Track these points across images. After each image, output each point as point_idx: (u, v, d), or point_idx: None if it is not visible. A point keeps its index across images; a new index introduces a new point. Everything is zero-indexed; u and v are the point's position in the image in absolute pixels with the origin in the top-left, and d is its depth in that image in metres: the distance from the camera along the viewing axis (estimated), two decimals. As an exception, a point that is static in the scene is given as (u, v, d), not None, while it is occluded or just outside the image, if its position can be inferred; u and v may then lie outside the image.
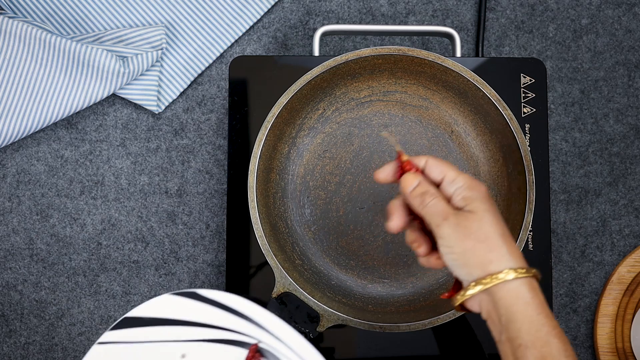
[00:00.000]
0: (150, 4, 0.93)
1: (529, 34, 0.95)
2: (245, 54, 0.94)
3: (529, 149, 0.85)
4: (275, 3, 0.94)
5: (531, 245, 0.85)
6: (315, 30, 0.93)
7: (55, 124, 0.92)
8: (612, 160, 0.93)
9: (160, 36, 0.90)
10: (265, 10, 0.93)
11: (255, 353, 0.69)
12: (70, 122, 0.92)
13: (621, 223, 0.93)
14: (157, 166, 0.92)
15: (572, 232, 0.92)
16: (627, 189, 0.93)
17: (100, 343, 0.71)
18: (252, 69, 0.86)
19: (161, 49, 0.90)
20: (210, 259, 0.91)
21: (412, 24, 0.95)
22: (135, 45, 0.90)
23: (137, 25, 0.92)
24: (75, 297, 0.90)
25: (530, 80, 0.87)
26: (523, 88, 0.87)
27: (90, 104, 0.89)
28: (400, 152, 0.65)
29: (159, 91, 0.92)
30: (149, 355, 0.71)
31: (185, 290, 0.71)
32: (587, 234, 0.93)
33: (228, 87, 0.91)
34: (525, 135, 0.86)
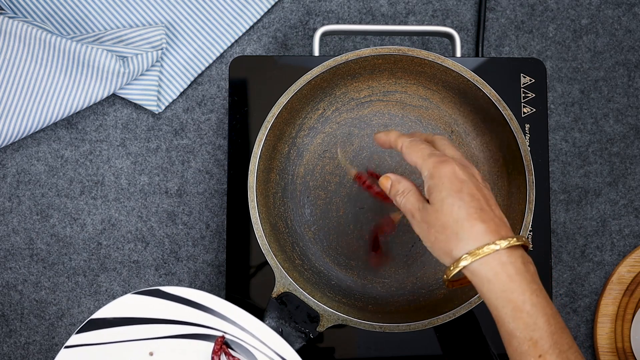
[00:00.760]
0: (150, 4, 0.93)
1: (529, 34, 0.95)
2: (245, 54, 0.94)
3: (529, 149, 0.85)
4: (275, 3, 0.94)
5: (531, 245, 0.85)
6: (315, 30, 0.93)
7: (55, 124, 0.92)
8: (612, 160, 0.93)
9: (160, 36, 0.90)
10: (265, 10, 0.93)
11: (222, 345, 0.70)
12: (70, 122, 0.92)
13: (621, 223, 0.93)
14: (157, 166, 0.92)
15: (572, 232, 0.92)
16: (627, 189, 0.93)
17: (67, 347, 0.71)
18: (252, 69, 0.86)
19: (161, 49, 0.90)
20: (210, 259, 0.91)
21: (412, 24, 0.95)
22: (135, 45, 0.90)
23: (137, 25, 0.92)
24: (75, 297, 0.90)
25: (530, 80, 0.87)
26: (523, 88, 0.87)
27: (90, 104, 0.89)
28: (358, 175, 0.70)
29: (159, 91, 0.92)
30: (117, 356, 0.71)
31: (148, 288, 0.72)
32: (587, 234, 0.93)
33: (228, 87, 0.91)
34: (525, 135, 0.86)
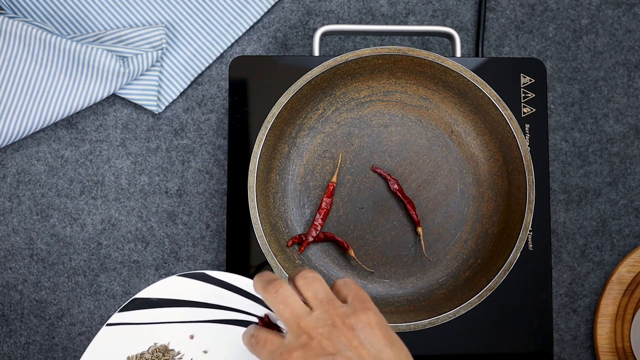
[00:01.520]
0: (150, 4, 0.93)
1: (529, 34, 0.95)
2: (245, 54, 0.94)
3: (529, 149, 0.85)
4: (275, 3, 0.94)
5: (531, 245, 0.85)
6: (315, 30, 0.93)
7: (55, 124, 0.92)
8: (612, 160, 0.93)
9: (160, 36, 0.90)
10: (265, 10, 0.93)
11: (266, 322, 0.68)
12: (70, 122, 0.92)
13: (621, 223, 0.93)
14: (157, 166, 0.92)
15: (572, 232, 0.92)
16: (627, 189, 0.93)
17: (109, 324, 0.71)
18: (252, 69, 0.86)
19: (161, 49, 0.90)
20: (210, 259, 0.91)
21: (412, 24, 0.95)
22: (135, 45, 0.90)
23: (137, 25, 0.92)
24: (75, 297, 0.90)
25: (530, 80, 0.87)
26: (523, 88, 0.87)
27: (90, 104, 0.89)
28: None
29: (159, 91, 0.92)
30: (158, 337, 0.71)
31: (194, 271, 0.71)
32: (587, 234, 0.93)
33: (228, 87, 0.91)
34: (525, 135, 0.86)
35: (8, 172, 0.91)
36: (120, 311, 0.71)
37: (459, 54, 0.86)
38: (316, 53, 0.86)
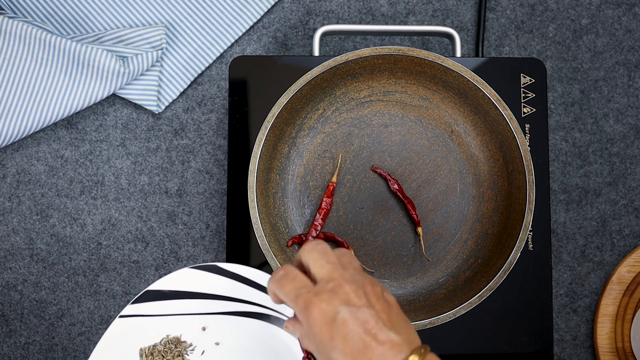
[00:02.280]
0: (150, 4, 0.93)
1: (529, 34, 0.95)
2: (245, 54, 0.94)
3: (529, 149, 0.85)
4: (275, 3, 0.94)
5: (531, 245, 0.85)
6: (315, 30, 0.93)
7: (55, 124, 0.92)
8: (612, 160, 0.93)
9: (160, 36, 0.90)
10: (265, 10, 0.93)
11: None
12: (70, 122, 0.92)
13: (621, 223, 0.93)
14: (157, 166, 0.92)
15: (572, 232, 0.92)
16: (627, 189, 0.93)
17: (122, 316, 0.71)
18: (252, 69, 0.86)
19: (161, 49, 0.90)
20: (210, 259, 0.91)
21: (412, 24, 0.95)
22: (135, 45, 0.90)
23: (137, 25, 0.92)
24: (75, 297, 0.90)
25: (530, 80, 0.87)
26: (523, 88, 0.87)
27: (90, 104, 0.89)
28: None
29: (159, 91, 0.92)
30: (170, 328, 0.71)
31: (205, 263, 0.71)
32: (587, 234, 0.93)
33: (228, 87, 0.91)
34: (525, 135, 0.86)
35: (8, 172, 0.91)
36: (133, 303, 0.71)
37: (459, 54, 0.86)
38: (316, 53, 0.86)
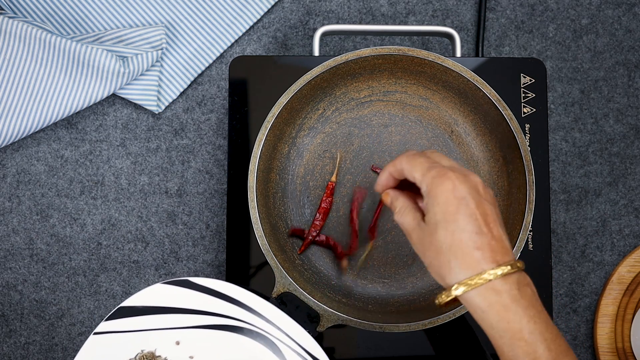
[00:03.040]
0: (150, 4, 0.93)
1: (529, 34, 0.95)
2: (245, 54, 0.94)
3: (529, 149, 0.85)
4: (275, 3, 0.94)
5: (531, 245, 0.85)
6: (315, 30, 0.93)
7: (55, 124, 0.92)
8: (612, 160, 0.93)
9: (160, 36, 0.90)
10: (265, 10, 0.93)
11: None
12: (70, 122, 0.92)
13: (621, 223, 0.93)
14: (157, 166, 0.92)
15: (572, 232, 0.92)
16: (627, 189, 0.93)
17: (96, 333, 0.72)
18: (252, 69, 0.86)
19: (161, 49, 0.90)
20: (210, 259, 0.91)
21: (412, 24, 0.95)
22: (135, 45, 0.90)
23: (137, 25, 0.92)
24: (75, 297, 0.90)
25: (530, 80, 0.87)
26: (523, 88, 0.87)
27: (90, 104, 0.89)
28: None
29: (159, 91, 0.92)
30: (145, 344, 0.72)
31: (177, 278, 0.72)
32: (587, 234, 0.93)
33: (228, 87, 0.91)
34: (525, 135, 0.86)
35: (8, 172, 0.91)
36: (106, 320, 0.71)
37: (459, 54, 0.86)
38: (316, 53, 0.86)
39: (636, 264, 0.91)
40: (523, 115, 0.86)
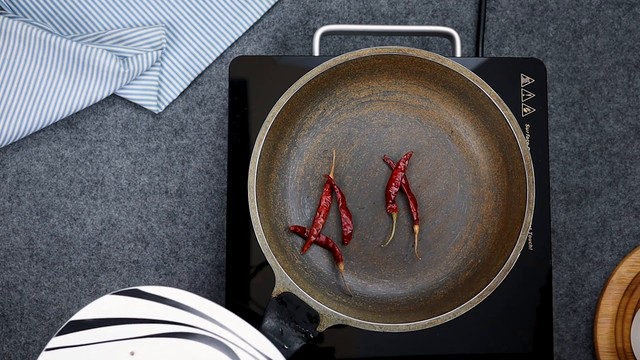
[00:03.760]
0: (150, 4, 0.93)
1: (529, 34, 0.95)
2: (245, 54, 0.94)
3: (529, 149, 0.85)
4: (275, 3, 0.94)
5: (531, 245, 0.85)
6: (315, 30, 0.93)
7: (55, 124, 0.92)
8: (612, 160, 0.93)
9: (160, 36, 0.90)
10: (265, 10, 0.93)
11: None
12: (70, 122, 0.92)
13: (621, 223, 0.93)
14: (157, 166, 0.92)
15: (572, 232, 0.92)
16: (627, 189, 0.93)
17: (48, 349, 0.71)
18: (252, 69, 0.86)
19: (161, 49, 0.90)
20: (210, 259, 0.91)
21: (412, 24, 0.95)
22: (135, 45, 0.90)
23: (137, 25, 0.92)
24: (75, 297, 0.90)
25: (530, 80, 0.87)
26: (523, 88, 0.87)
27: (90, 104, 0.89)
28: None
29: (159, 91, 0.92)
30: (98, 357, 0.72)
31: (126, 288, 0.72)
32: (587, 234, 0.93)
33: (228, 87, 0.91)
34: (525, 135, 0.86)
35: (8, 172, 0.91)
36: (58, 335, 0.71)
37: (459, 54, 0.86)
38: (316, 53, 0.86)
39: (636, 264, 0.91)
40: (523, 115, 0.86)
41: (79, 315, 0.71)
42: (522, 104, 0.87)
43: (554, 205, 0.92)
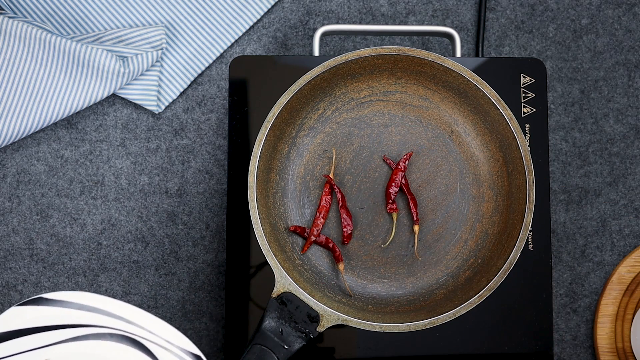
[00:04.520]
0: (150, 4, 0.93)
1: (529, 34, 0.95)
2: (245, 54, 0.94)
3: (529, 149, 0.85)
4: (275, 3, 0.94)
5: (531, 245, 0.85)
6: (315, 30, 0.93)
7: (55, 124, 0.92)
8: (612, 160, 0.93)
9: (160, 36, 0.90)
10: (265, 10, 0.93)
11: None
12: (70, 122, 0.92)
13: (621, 223, 0.93)
14: (157, 166, 0.92)
15: (572, 232, 0.92)
16: (627, 189, 0.93)
17: None
18: (252, 69, 0.86)
19: (161, 49, 0.90)
20: (210, 259, 0.91)
21: (412, 24, 0.95)
22: (135, 45, 0.90)
23: (137, 25, 0.92)
24: (75, 297, 0.90)
25: (530, 80, 0.87)
26: (523, 88, 0.87)
27: (90, 104, 0.89)
28: None
29: (159, 91, 0.92)
30: None
31: (30, 298, 0.72)
32: (587, 234, 0.93)
33: (228, 87, 0.91)
34: (525, 135, 0.86)
35: (8, 172, 0.91)
36: None
37: (459, 54, 0.86)
38: (316, 53, 0.86)
39: (636, 264, 0.91)
40: (523, 115, 0.86)
41: None
42: (522, 104, 0.87)
43: (554, 205, 0.92)
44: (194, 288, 0.90)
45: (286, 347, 0.75)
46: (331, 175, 0.83)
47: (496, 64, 0.87)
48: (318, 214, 0.83)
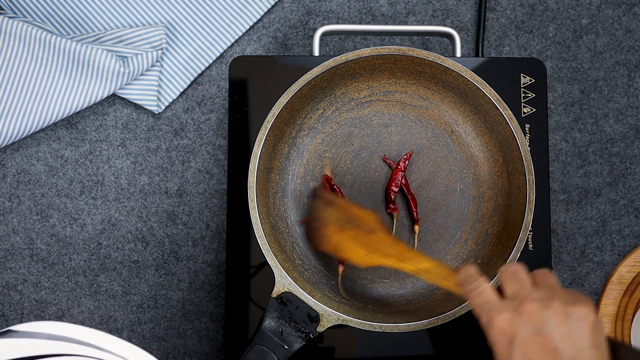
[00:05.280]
0: (150, 4, 0.93)
1: (529, 34, 0.95)
2: (245, 54, 0.94)
3: (529, 149, 0.85)
4: (275, 3, 0.94)
5: (531, 245, 0.85)
6: (315, 30, 0.93)
7: (55, 124, 0.92)
8: (612, 160, 0.93)
9: (160, 36, 0.90)
10: (265, 10, 0.93)
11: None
12: (70, 122, 0.92)
13: (621, 223, 0.93)
14: (157, 166, 0.92)
15: (572, 232, 0.92)
16: (627, 189, 0.93)
17: None
18: (252, 69, 0.86)
19: (161, 49, 0.90)
20: (210, 259, 0.91)
21: (412, 24, 0.95)
22: (135, 45, 0.90)
23: (137, 25, 0.92)
24: (75, 297, 0.90)
25: (530, 80, 0.87)
26: (523, 88, 0.87)
27: (90, 104, 0.89)
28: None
29: (159, 91, 0.92)
30: None
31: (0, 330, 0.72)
32: (587, 234, 0.93)
33: (228, 87, 0.91)
34: (525, 135, 0.86)
35: (8, 172, 0.91)
36: None
37: (459, 54, 0.86)
38: (316, 53, 0.86)
39: (636, 264, 0.91)
40: (523, 115, 0.86)
41: None
42: (522, 104, 0.87)
43: (554, 205, 0.92)
44: (194, 288, 0.90)
45: (286, 347, 0.75)
46: (328, 173, 0.83)
47: (496, 64, 0.87)
48: None
